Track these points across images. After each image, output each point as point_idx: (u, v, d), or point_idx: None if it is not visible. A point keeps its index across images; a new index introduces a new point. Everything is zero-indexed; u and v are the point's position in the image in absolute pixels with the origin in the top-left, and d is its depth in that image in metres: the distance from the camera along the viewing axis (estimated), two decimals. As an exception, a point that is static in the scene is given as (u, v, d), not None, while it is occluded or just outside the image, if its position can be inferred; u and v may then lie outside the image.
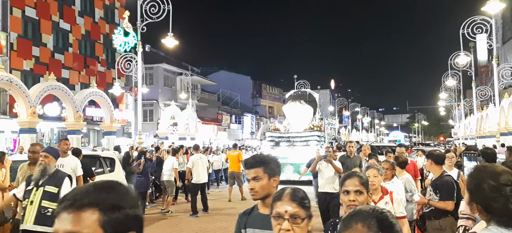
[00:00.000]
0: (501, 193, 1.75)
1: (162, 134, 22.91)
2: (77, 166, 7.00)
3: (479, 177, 1.85)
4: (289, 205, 1.82)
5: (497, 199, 1.75)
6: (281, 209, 1.82)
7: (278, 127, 20.45)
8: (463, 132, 35.47)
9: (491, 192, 1.78)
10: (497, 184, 1.78)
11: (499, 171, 1.84)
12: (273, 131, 19.94)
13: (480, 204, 1.81)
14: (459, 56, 22.34)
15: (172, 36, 16.30)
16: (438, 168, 4.91)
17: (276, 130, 19.96)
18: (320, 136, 19.15)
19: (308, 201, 1.89)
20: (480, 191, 1.81)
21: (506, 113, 19.60)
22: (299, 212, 1.82)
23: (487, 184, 1.80)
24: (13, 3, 24.16)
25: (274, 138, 19.31)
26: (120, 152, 13.54)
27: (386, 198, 3.99)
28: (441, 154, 5.29)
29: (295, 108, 19.69)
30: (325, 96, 50.58)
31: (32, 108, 13.97)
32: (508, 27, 46.92)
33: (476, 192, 1.84)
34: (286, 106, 20.62)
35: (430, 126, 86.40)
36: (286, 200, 1.84)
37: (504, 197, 1.74)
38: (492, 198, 1.77)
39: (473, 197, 1.85)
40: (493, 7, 15.76)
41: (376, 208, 1.41)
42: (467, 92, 37.70)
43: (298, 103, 19.78)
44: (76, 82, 28.54)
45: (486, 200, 1.79)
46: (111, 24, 31.65)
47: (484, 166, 1.96)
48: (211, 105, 43.93)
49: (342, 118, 61.02)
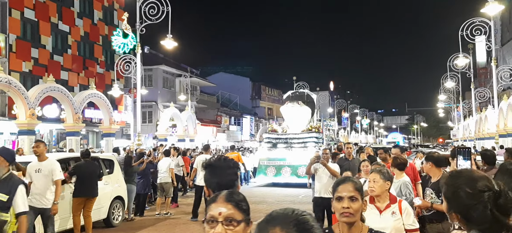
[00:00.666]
0: (479, 200, 1.67)
1: (161, 136, 22.88)
2: (55, 170, 6.73)
3: (455, 184, 1.76)
4: (224, 206, 1.64)
5: (475, 206, 1.67)
6: (215, 211, 1.64)
7: (276, 128, 20.18)
8: (462, 134, 35.51)
9: (469, 199, 1.69)
10: (474, 191, 1.69)
11: (476, 176, 1.75)
12: (270, 132, 19.66)
13: (459, 213, 1.73)
14: (458, 58, 22.37)
15: (171, 37, 16.30)
16: (438, 170, 4.86)
17: (273, 131, 19.68)
18: (318, 137, 18.90)
19: (245, 204, 1.71)
20: (457, 199, 1.73)
21: (505, 115, 19.62)
22: (234, 214, 1.63)
23: (463, 191, 1.71)
24: (12, 4, 24.15)
25: (272, 139, 19.06)
26: (119, 154, 13.53)
27: (393, 207, 3.57)
28: (441, 156, 5.26)
29: (293, 109, 19.47)
30: (324, 97, 50.56)
31: (31, 109, 13.95)
32: (507, 29, 47.00)
33: (453, 200, 1.75)
34: (283, 107, 20.35)
35: (429, 127, 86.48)
36: (220, 201, 1.66)
37: (483, 204, 1.66)
38: (470, 206, 1.68)
39: (451, 206, 1.77)
40: (492, 9, 15.79)
41: (295, 211, 1.33)
42: (466, 94, 37.78)
43: (296, 104, 19.56)
44: (75, 84, 28.51)
45: (464, 208, 1.70)
46: (110, 26, 31.64)
47: (459, 172, 1.87)
48: (210, 107, 43.93)
49: (341, 119, 61.03)
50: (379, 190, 3.58)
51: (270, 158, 18.17)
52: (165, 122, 23.51)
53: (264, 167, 18.05)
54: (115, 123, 19.31)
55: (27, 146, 13.81)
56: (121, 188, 9.88)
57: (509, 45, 45.31)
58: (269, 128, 20.52)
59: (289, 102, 20.24)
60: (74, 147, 15.65)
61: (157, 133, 24.12)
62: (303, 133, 18.71)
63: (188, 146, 22.10)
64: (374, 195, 3.57)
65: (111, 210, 9.36)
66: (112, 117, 18.59)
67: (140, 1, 15.48)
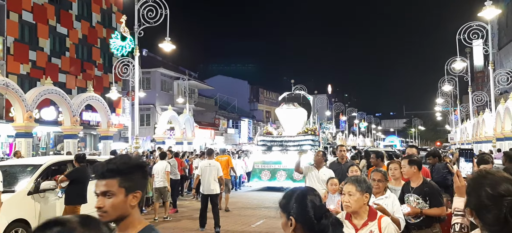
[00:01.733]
0: (496, 203, 1.70)
1: (159, 139, 22.85)
2: None
3: (478, 182, 1.80)
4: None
5: (491, 208, 1.70)
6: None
7: (270, 130, 19.47)
8: (460, 137, 35.60)
9: (487, 200, 1.72)
10: (494, 193, 1.72)
11: (500, 179, 1.77)
12: (265, 135, 18.96)
13: (474, 210, 1.77)
14: (455, 62, 22.42)
15: (170, 40, 16.29)
16: (419, 174, 4.59)
17: (268, 133, 18.99)
18: (314, 140, 18.25)
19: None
20: (476, 197, 1.77)
21: (502, 119, 19.69)
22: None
23: (484, 191, 1.74)
24: (10, 7, 24.13)
25: (266, 142, 18.37)
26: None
27: (372, 225, 3.02)
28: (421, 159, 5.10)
29: (288, 111, 18.75)
30: (323, 101, 50.60)
31: (29, 112, 13.93)
32: (504, 33, 47.20)
33: (473, 198, 1.79)
34: (279, 109, 19.49)
35: (427, 131, 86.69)
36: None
37: (498, 208, 1.69)
38: (486, 206, 1.72)
39: (469, 202, 1.82)
40: (489, 13, 15.87)
41: None
42: (463, 97, 37.87)
43: (291, 106, 18.82)
44: (73, 87, 28.48)
45: (481, 207, 1.74)
46: (108, 29, 31.65)
47: (487, 172, 1.89)
48: (208, 110, 43.92)
49: (339, 123, 61.09)
50: (356, 205, 3.03)
51: (265, 161, 17.60)
52: (163, 125, 23.48)
53: (259, 171, 17.49)
54: (113, 125, 19.30)
55: (25, 149, 13.78)
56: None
57: (506, 49, 45.50)
58: (264, 131, 19.73)
59: (285, 104, 19.37)
60: (72, 150, 15.63)
61: (155, 136, 24.09)
62: (299, 135, 18.06)
63: (186, 149, 22.07)
64: (350, 212, 3.07)
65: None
66: (110, 120, 18.58)
67: (139, 4, 15.48)
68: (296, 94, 22.00)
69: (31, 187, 7.51)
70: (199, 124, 35.30)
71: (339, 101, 59.19)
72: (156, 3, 15.48)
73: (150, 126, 34.38)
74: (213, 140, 39.62)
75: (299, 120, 18.70)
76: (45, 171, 7.94)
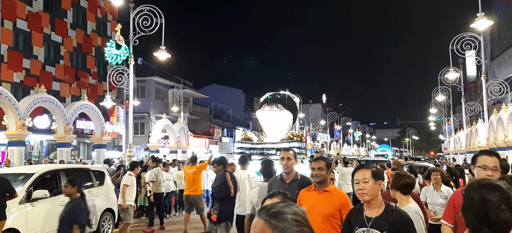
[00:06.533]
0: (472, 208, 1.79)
1: (153, 147, 22.75)
2: None
3: (469, 186, 1.91)
4: None
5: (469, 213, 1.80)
6: None
7: (250, 136, 16.17)
8: (453, 147, 35.76)
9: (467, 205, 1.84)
10: (472, 201, 1.81)
11: (484, 184, 1.85)
12: (243, 142, 15.89)
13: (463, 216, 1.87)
14: (448, 72, 22.60)
15: (165, 49, 16.29)
16: None
17: (247, 140, 15.84)
18: (300, 147, 15.15)
19: None
20: (464, 202, 1.87)
21: (495, 129, 19.83)
22: None
23: (468, 196, 1.84)
24: (4, 15, 24.07)
25: (245, 149, 15.11)
26: (110, 166, 13.40)
27: None
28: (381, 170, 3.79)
29: (270, 114, 15.57)
30: (317, 110, 50.71)
31: (22, 120, 13.82)
32: (496, 44, 47.75)
33: (464, 203, 1.89)
34: (260, 111, 16.24)
35: (420, 140, 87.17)
36: None
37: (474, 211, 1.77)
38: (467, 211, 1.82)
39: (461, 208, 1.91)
40: (482, 25, 16.03)
41: None
42: (456, 107, 38.12)
43: (274, 107, 15.67)
44: (67, 95, 28.36)
45: (464, 212, 1.85)
46: (103, 37, 31.64)
47: (479, 179, 1.99)
48: (203, 118, 43.86)
49: (333, 132, 61.20)
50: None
51: None
52: (157, 134, 23.38)
53: None
54: (107, 134, 19.18)
55: (17, 158, 13.65)
56: (111, 200, 9.76)
57: (498, 60, 45.99)
58: (243, 136, 16.67)
59: (267, 106, 16.19)
60: (65, 158, 15.51)
61: (149, 145, 23.97)
62: (283, 142, 14.93)
63: (180, 158, 21.98)
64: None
65: (101, 223, 9.25)
66: (104, 128, 18.48)
67: (134, 13, 15.50)
68: (281, 94, 18.50)
69: (23, 196, 7.44)
70: (193, 132, 35.22)
71: (334, 111, 59.34)
72: (152, 12, 15.51)
73: (144, 134, 34.26)
74: (207, 149, 39.51)
75: (283, 124, 15.74)
76: (36, 180, 7.88)
